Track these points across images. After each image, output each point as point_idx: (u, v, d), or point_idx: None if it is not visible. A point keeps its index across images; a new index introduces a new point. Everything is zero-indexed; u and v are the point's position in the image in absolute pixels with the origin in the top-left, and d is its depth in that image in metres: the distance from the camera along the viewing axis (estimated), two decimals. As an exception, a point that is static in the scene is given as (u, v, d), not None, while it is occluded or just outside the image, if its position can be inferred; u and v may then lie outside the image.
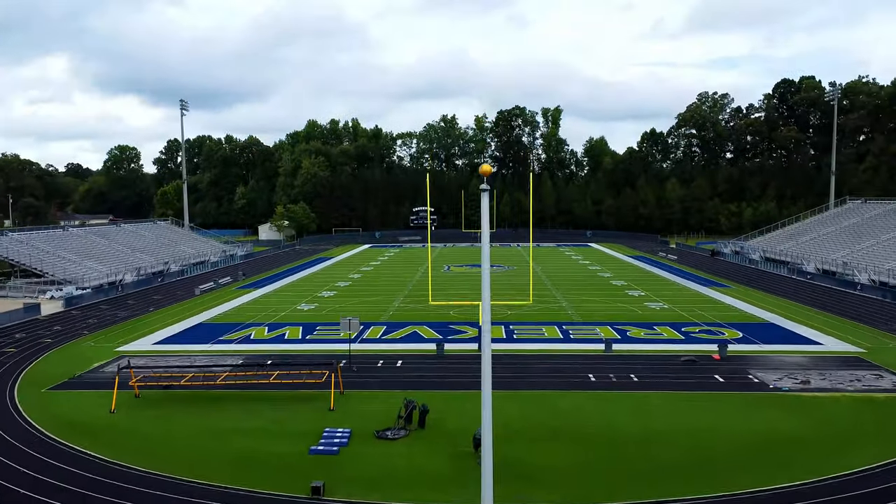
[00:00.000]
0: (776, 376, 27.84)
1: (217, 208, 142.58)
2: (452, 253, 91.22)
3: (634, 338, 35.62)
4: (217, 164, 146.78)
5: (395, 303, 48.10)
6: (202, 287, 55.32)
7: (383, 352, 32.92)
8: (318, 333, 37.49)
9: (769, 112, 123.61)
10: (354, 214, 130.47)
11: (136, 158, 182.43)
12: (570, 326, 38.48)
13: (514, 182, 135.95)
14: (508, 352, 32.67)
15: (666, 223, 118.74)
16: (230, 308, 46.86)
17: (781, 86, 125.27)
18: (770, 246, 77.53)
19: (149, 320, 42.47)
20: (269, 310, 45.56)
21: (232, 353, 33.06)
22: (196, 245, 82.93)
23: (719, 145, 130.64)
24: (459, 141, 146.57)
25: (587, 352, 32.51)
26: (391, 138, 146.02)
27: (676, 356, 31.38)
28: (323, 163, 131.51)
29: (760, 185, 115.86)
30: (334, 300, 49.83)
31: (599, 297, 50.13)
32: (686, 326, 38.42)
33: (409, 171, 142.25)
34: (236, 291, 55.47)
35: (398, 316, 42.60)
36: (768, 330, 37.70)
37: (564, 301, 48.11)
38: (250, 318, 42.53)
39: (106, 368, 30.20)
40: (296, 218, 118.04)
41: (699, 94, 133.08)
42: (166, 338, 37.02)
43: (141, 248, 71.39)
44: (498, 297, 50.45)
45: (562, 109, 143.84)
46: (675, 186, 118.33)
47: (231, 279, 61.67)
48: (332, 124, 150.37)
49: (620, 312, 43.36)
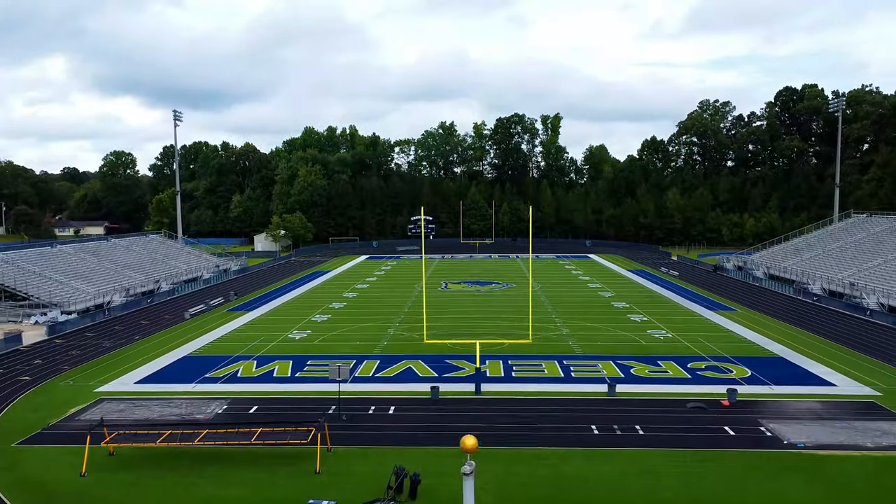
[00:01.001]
0: (790, 428, 26.31)
1: (213, 217, 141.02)
2: (450, 266, 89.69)
3: (639, 376, 34.07)
4: (213, 171, 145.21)
5: (391, 329, 46.56)
6: (192, 311, 53.73)
7: (375, 395, 31.35)
8: (309, 369, 35.92)
9: (771, 120, 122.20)
10: (351, 224, 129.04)
11: (132, 164, 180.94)
12: (571, 362, 36.93)
13: (512, 190, 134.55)
14: (507, 395, 31.12)
15: (667, 233, 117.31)
16: (219, 336, 45.28)
17: (783, 94, 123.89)
18: (773, 261, 76.04)
19: (133, 352, 40.88)
20: (259, 338, 43.99)
21: (217, 395, 31.48)
22: (189, 260, 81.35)
23: (720, 154, 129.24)
24: (458, 148, 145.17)
25: (590, 395, 30.96)
26: (389, 146, 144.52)
27: (684, 400, 29.84)
28: (320, 171, 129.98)
29: (763, 195, 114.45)
30: (328, 326, 48.26)
31: (601, 322, 48.60)
32: (692, 361, 36.88)
33: (406, 178, 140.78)
34: (227, 315, 53.89)
35: (392, 347, 41.05)
36: (778, 367, 36.16)
37: (565, 328, 46.57)
38: (239, 349, 40.95)
39: (83, 416, 28.63)
40: (292, 228, 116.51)
41: (700, 101, 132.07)
42: (150, 374, 35.44)
43: (131, 264, 69.80)
44: (496, 320, 49.00)
45: (561, 117, 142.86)
46: (676, 196, 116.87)
47: (223, 300, 60.11)
48: (329, 131, 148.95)
49: (623, 343, 41.82)
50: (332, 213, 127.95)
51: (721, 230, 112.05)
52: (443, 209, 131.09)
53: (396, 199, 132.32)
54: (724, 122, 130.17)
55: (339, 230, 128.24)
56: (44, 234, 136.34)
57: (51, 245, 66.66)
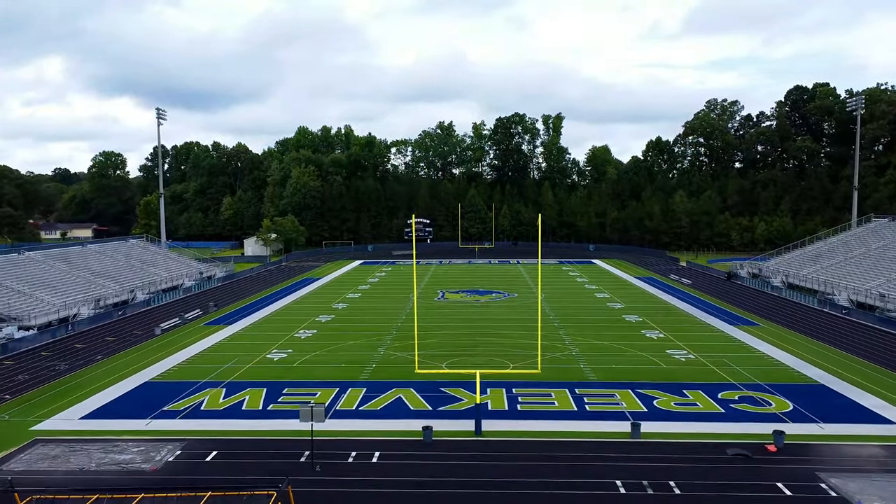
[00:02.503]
0: (855, 484, 21.78)
1: (203, 219, 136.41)
2: (448, 272, 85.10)
3: (663, 410, 29.51)
4: (203, 172, 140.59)
5: (381, 348, 42.00)
6: (164, 325, 49.09)
7: (358, 435, 26.78)
8: (284, 400, 31.32)
9: (781, 120, 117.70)
10: (346, 227, 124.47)
11: (122, 165, 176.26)
12: (584, 391, 32.34)
13: (513, 192, 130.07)
14: (511, 435, 26.54)
15: (673, 237, 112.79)
16: (190, 356, 40.66)
17: (794, 93, 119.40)
18: (791, 269, 71.54)
19: (89, 376, 36.26)
20: (233, 359, 39.39)
21: (172, 435, 26.85)
22: (171, 266, 76.69)
23: (728, 155, 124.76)
24: (457, 149, 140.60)
25: (609, 436, 26.39)
26: (385, 146, 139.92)
27: (722, 444, 25.30)
28: (313, 172, 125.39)
29: (774, 198, 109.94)
30: (312, 344, 43.67)
31: (613, 339, 44.04)
32: (722, 391, 32.31)
33: (403, 180, 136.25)
34: (203, 329, 49.25)
35: (382, 371, 36.46)
36: (821, 397, 31.60)
37: (574, 346, 42.02)
38: (208, 373, 36.34)
39: (9, 464, 24.04)
40: (283, 231, 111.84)
41: (708, 100, 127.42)
42: (101, 407, 30.83)
43: (106, 272, 65.17)
44: (498, 337, 44.47)
45: (563, 117, 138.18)
46: (683, 199, 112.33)
47: (201, 312, 55.48)
48: (324, 131, 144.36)
49: (641, 366, 37.26)
50: (326, 216, 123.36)
51: (730, 234, 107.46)
52: (440, 212, 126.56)
53: (392, 202, 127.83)
54: (731, 122, 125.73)
55: (332, 234, 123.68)
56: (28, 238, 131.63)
57: (17, 251, 62.00)
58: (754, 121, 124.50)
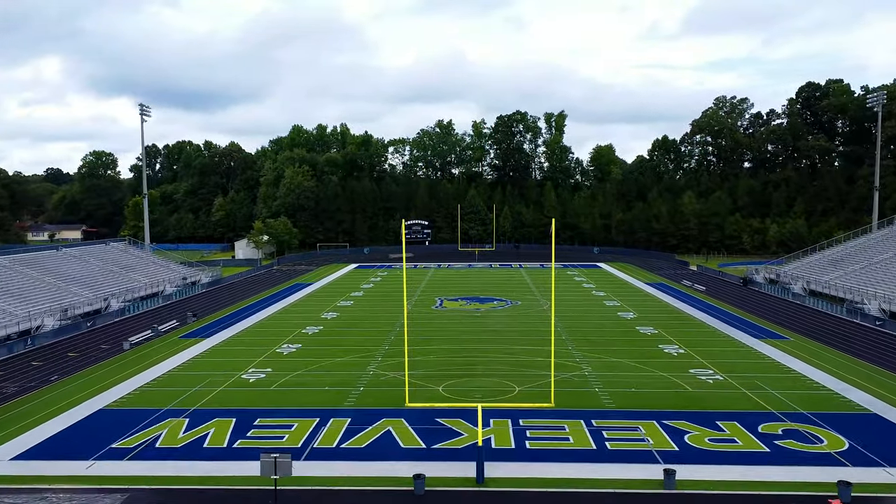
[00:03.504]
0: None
1: (194, 220, 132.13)
2: (446, 278, 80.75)
3: (697, 448, 25.15)
4: (195, 172, 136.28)
5: (371, 366, 37.68)
6: (134, 339, 44.73)
7: (337, 483, 22.38)
8: (255, 434, 26.95)
9: (793, 118, 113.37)
10: (341, 229, 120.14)
11: (112, 165, 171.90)
12: (602, 422, 27.98)
13: (514, 193, 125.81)
14: (519, 484, 22.15)
15: (681, 240, 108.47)
16: (156, 377, 36.29)
17: (806, 89, 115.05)
18: (811, 274, 67.25)
19: (39, 402, 31.89)
20: (204, 380, 35.05)
21: (114, 484, 22.44)
22: (152, 272, 72.35)
23: (737, 154, 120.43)
24: (456, 148, 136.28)
25: (638, 485, 22.02)
26: (382, 145, 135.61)
27: (775, 499, 20.95)
28: (308, 172, 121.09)
29: (786, 198, 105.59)
30: (294, 361, 39.32)
31: (629, 356, 39.71)
32: (762, 423, 27.91)
33: (401, 180, 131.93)
34: (177, 343, 44.90)
35: (370, 397, 32.10)
36: (877, 430, 27.23)
37: (586, 365, 37.69)
38: (173, 399, 31.98)
39: None
40: (276, 233, 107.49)
41: (716, 98, 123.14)
42: (41, 442, 26.47)
43: (80, 278, 60.83)
44: (500, 353, 40.18)
45: (566, 115, 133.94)
46: (692, 199, 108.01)
47: (177, 323, 51.13)
48: (319, 129, 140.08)
49: (664, 389, 32.91)
50: (321, 218, 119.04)
51: (741, 237, 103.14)
52: (439, 213, 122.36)
53: (389, 203, 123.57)
54: (741, 120, 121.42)
55: (327, 236, 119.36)
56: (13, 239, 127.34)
57: (-16, 257, 57.65)
58: (764, 119, 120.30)
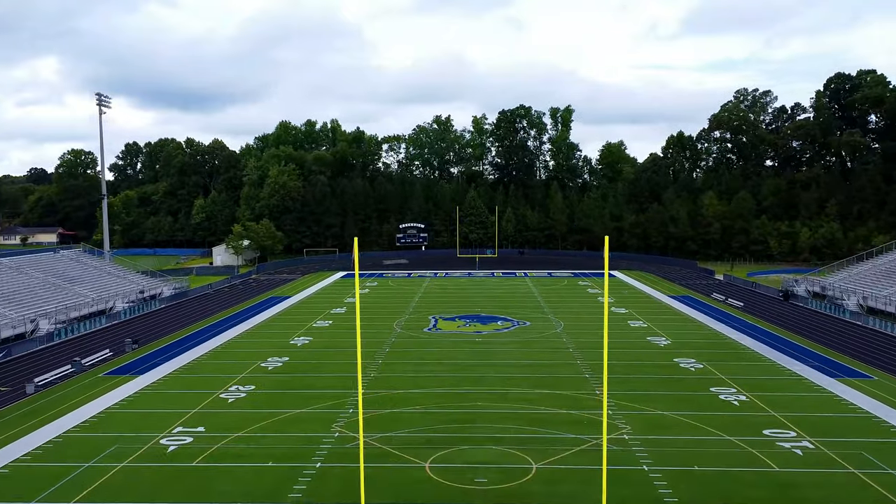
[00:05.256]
0: None
1: (173, 223, 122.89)
2: (443, 290, 71.51)
3: None
4: (174, 171, 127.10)
5: (338, 423, 28.42)
6: (45, 377, 35.45)
7: None
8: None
9: (821, 112, 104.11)
10: (330, 233, 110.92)
11: (92, 164, 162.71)
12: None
13: (518, 193, 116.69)
14: None
15: (701, 245, 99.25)
16: (46, 440, 26.99)
17: (835, 81, 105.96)
18: (865, 287, 58.00)
19: None
20: (109, 446, 25.80)
21: None
22: (105, 284, 63.13)
23: (759, 151, 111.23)
24: (455, 145, 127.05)
25: None
26: (376, 142, 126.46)
27: None
28: (294, 171, 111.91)
29: (817, 200, 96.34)
30: (240, 414, 30.04)
31: (676, 406, 30.36)
32: (905, 537, 18.73)
33: (396, 180, 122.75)
34: (98, 384, 35.57)
35: (328, 479, 22.83)
36: None
37: (624, 421, 28.34)
38: (55, 480, 22.70)
39: None
40: (257, 238, 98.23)
41: (737, 90, 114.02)
42: None
43: (9, 294, 51.61)
44: (508, 401, 30.99)
45: (573, 109, 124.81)
46: (713, 200, 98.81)
47: (110, 353, 41.85)
48: (308, 126, 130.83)
49: (740, 470, 23.54)
50: (308, 221, 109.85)
51: (768, 241, 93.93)
52: (437, 215, 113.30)
53: (383, 204, 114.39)
54: (763, 114, 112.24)
55: (315, 240, 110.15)
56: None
57: None
58: (788, 113, 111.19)
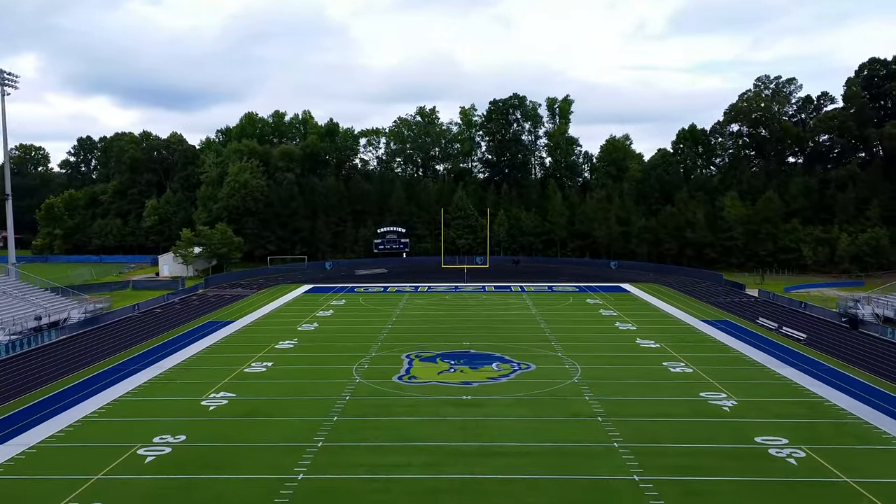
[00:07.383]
0: None
1: (122, 227, 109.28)
2: (424, 310, 58.56)
3: None
4: (125, 168, 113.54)
5: None
6: None
7: None
8: None
9: (856, 101, 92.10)
10: (299, 238, 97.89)
11: (44, 160, 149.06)
12: None
13: (511, 194, 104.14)
14: None
15: (722, 252, 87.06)
16: None
17: (869, 66, 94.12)
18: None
19: None
20: None
21: None
22: None
23: (783, 146, 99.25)
24: (441, 140, 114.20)
25: None
26: (352, 136, 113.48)
27: None
28: (257, 167, 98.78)
29: (855, 201, 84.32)
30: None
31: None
32: None
33: (374, 178, 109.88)
34: None
35: None
36: None
37: None
38: None
39: None
40: (211, 244, 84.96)
41: (757, 77, 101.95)
42: None
43: None
44: None
45: (572, 100, 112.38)
46: (736, 202, 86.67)
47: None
48: (276, 118, 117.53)
49: None
50: (272, 224, 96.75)
51: (800, 249, 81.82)
52: (420, 218, 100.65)
53: (360, 205, 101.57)
54: (787, 106, 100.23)
55: (281, 247, 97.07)
56: None
57: None
58: (815, 104, 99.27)
